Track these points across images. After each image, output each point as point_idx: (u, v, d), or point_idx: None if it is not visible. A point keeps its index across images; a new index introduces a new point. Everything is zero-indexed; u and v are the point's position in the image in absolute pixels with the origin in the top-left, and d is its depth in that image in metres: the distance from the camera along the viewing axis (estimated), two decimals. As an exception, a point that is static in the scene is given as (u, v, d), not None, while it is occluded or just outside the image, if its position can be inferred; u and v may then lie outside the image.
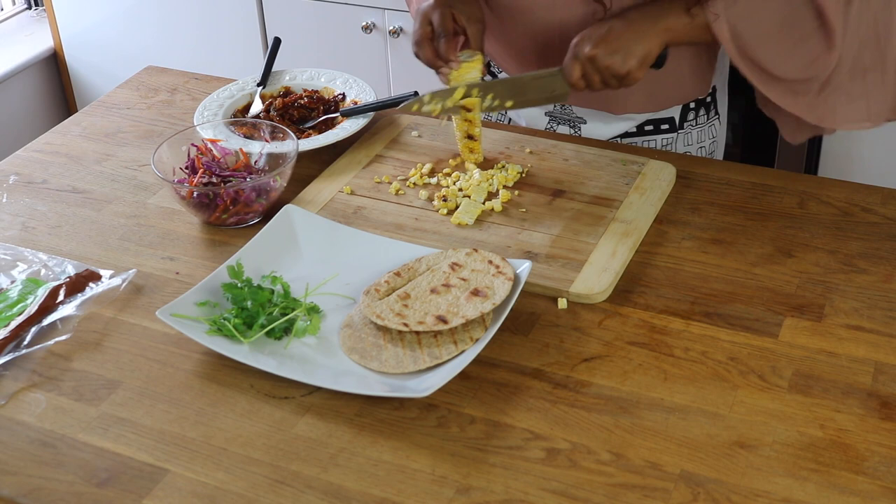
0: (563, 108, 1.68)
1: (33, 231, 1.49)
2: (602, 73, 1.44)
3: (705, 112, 1.68)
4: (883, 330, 1.24)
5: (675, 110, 1.65)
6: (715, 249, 1.38)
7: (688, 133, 1.67)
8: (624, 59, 1.43)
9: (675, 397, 1.16)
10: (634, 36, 1.43)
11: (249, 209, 1.46)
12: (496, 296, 1.24)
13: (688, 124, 1.67)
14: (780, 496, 1.04)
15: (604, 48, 1.43)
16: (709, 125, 1.69)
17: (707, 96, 1.67)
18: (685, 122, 1.66)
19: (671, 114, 1.65)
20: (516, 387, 1.18)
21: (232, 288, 1.26)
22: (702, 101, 1.66)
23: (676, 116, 1.65)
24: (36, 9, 3.50)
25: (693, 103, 1.66)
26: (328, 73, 1.78)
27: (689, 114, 1.66)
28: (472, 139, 1.54)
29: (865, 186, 1.51)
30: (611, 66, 1.43)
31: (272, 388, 1.19)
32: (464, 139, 1.55)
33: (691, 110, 1.66)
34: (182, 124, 1.73)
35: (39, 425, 1.16)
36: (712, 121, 1.70)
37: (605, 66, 1.43)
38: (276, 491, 1.06)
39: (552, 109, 1.69)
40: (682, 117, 1.66)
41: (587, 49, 1.43)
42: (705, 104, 1.67)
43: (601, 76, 1.45)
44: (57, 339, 1.27)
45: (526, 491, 1.05)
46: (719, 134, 1.73)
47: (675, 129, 1.66)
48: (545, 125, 1.71)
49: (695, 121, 1.67)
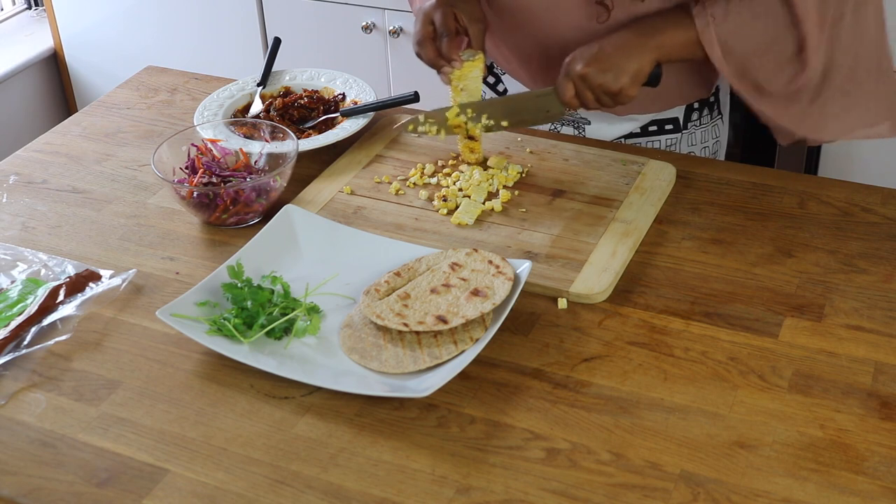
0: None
1: (33, 231, 1.49)
2: (594, 91, 1.45)
3: (709, 112, 1.68)
4: (883, 330, 1.24)
5: (678, 110, 1.65)
6: (715, 249, 1.39)
7: (692, 133, 1.67)
8: (616, 77, 1.43)
9: (675, 397, 1.16)
10: (625, 53, 1.44)
11: (249, 209, 1.46)
12: (496, 296, 1.24)
13: (692, 124, 1.67)
14: (780, 496, 1.04)
15: (595, 66, 1.43)
16: (712, 125, 1.70)
17: (710, 96, 1.67)
18: (689, 123, 1.66)
19: (675, 114, 1.65)
20: (516, 387, 1.18)
21: (232, 288, 1.26)
22: (705, 101, 1.66)
23: (680, 117, 1.65)
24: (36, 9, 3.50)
25: (697, 103, 1.66)
26: (328, 73, 1.78)
27: (693, 114, 1.66)
28: (472, 139, 1.54)
29: (865, 186, 1.51)
30: (603, 84, 1.44)
31: (272, 388, 1.19)
32: (464, 139, 1.55)
33: (695, 110, 1.66)
34: (182, 124, 1.73)
35: (39, 425, 1.16)
36: (715, 121, 1.70)
37: (598, 85, 1.44)
38: (276, 491, 1.06)
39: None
40: (687, 117, 1.66)
41: (578, 67, 1.44)
42: (709, 104, 1.67)
43: (594, 94, 1.46)
44: (57, 339, 1.27)
45: (526, 491, 1.05)
46: (722, 134, 1.73)
47: (679, 129, 1.66)
48: (549, 125, 1.71)
49: (699, 121, 1.67)
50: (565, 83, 1.46)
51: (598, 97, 1.46)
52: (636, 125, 1.66)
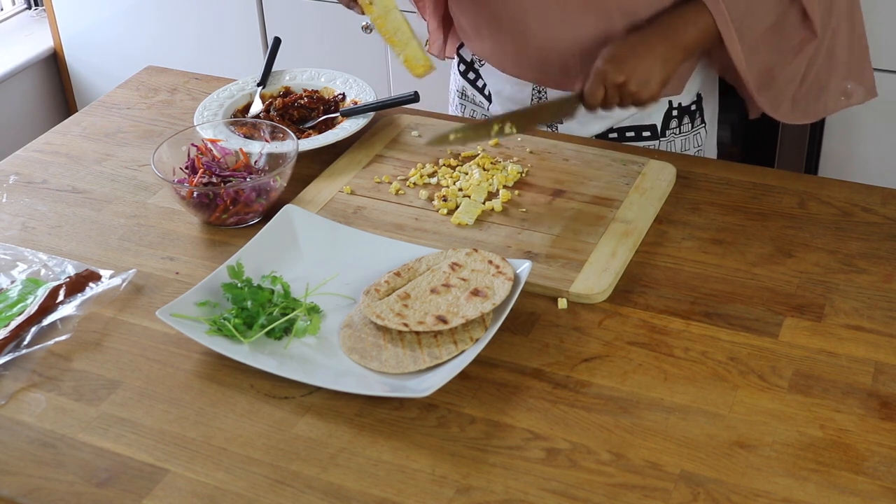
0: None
1: (33, 231, 1.49)
2: (626, 97, 1.47)
3: (689, 120, 1.67)
4: (883, 330, 1.24)
5: (657, 117, 1.64)
6: (715, 249, 1.39)
7: (670, 141, 1.67)
8: (649, 84, 1.46)
9: (675, 397, 1.16)
10: (658, 61, 1.46)
11: (249, 209, 1.46)
12: (496, 296, 1.24)
13: (670, 132, 1.66)
14: (780, 496, 1.04)
15: (634, 76, 1.45)
16: (693, 134, 1.69)
17: (692, 104, 1.66)
18: (667, 130, 1.66)
19: (653, 120, 1.65)
20: (516, 387, 1.18)
21: (232, 288, 1.26)
22: (685, 108, 1.66)
23: (658, 124, 1.65)
24: (36, 9, 3.50)
25: (675, 111, 1.65)
26: (328, 73, 1.78)
27: (672, 122, 1.66)
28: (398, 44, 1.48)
29: (865, 186, 1.51)
30: (637, 93, 1.46)
31: (272, 388, 1.19)
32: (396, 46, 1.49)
33: (674, 118, 1.66)
34: (182, 124, 1.73)
35: (39, 425, 1.16)
36: (698, 129, 1.69)
37: (632, 93, 1.46)
38: (276, 491, 1.06)
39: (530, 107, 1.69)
40: (665, 125, 1.65)
41: (618, 78, 1.45)
42: (689, 112, 1.66)
43: (623, 99, 1.48)
44: (57, 339, 1.27)
45: (526, 491, 1.05)
46: (707, 143, 1.72)
47: (656, 136, 1.65)
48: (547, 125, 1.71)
49: (678, 129, 1.67)
50: (597, 89, 1.47)
51: (624, 103, 1.48)
52: (609, 123, 1.65)
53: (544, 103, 1.56)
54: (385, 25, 1.43)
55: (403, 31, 1.43)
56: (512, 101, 1.70)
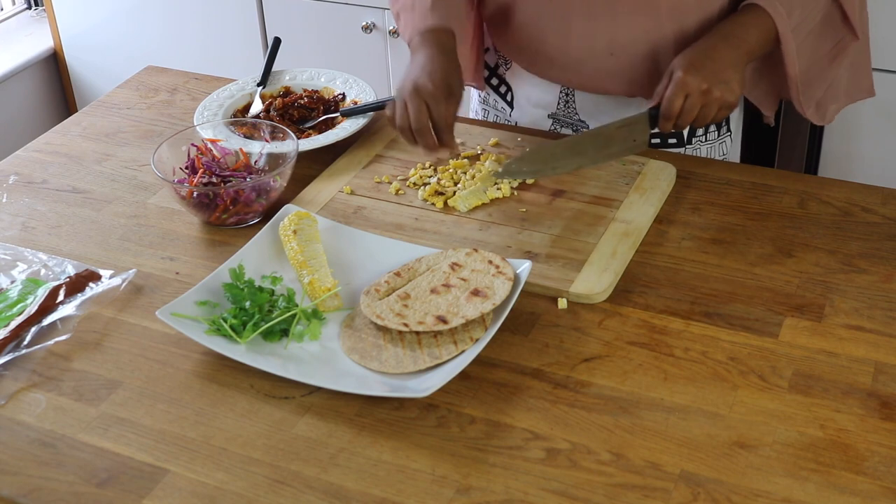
0: (567, 110, 1.67)
1: (33, 231, 1.49)
2: (710, 105, 1.43)
3: (716, 128, 1.65)
4: (883, 330, 1.24)
5: None
6: (715, 249, 1.38)
7: (696, 148, 1.65)
8: (732, 88, 1.43)
9: (675, 397, 1.16)
10: (731, 66, 1.44)
11: (249, 209, 1.46)
12: (496, 296, 1.24)
13: (696, 139, 1.64)
14: (780, 496, 1.04)
15: (716, 81, 1.42)
16: (719, 142, 1.67)
17: None
18: (693, 138, 1.64)
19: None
20: (516, 387, 1.18)
21: (232, 288, 1.26)
22: None
23: (685, 131, 1.64)
24: (36, 9, 3.50)
25: None
26: (328, 73, 1.78)
27: (698, 129, 1.65)
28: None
29: (865, 186, 1.51)
30: (722, 97, 1.43)
31: (272, 388, 1.19)
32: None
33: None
34: (182, 124, 1.73)
35: (39, 425, 1.16)
36: (723, 137, 1.67)
37: (717, 98, 1.43)
38: (276, 491, 1.06)
39: (555, 111, 1.68)
40: (692, 132, 1.64)
41: (702, 85, 1.41)
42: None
43: (706, 108, 1.44)
44: (57, 339, 1.27)
45: (526, 491, 1.05)
46: (731, 151, 1.70)
47: (682, 143, 1.64)
48: (548, 127, 1.70)
49: (704, 136, 1.65)
50: (678, 98, 1.42)
51: (709, 110, 1.44)
52: None
53: (605, 127, 1.48)
54: (304, 250, 1.38)
55: (320, 259, 1.39)
56: (538, 104, 1.69)
